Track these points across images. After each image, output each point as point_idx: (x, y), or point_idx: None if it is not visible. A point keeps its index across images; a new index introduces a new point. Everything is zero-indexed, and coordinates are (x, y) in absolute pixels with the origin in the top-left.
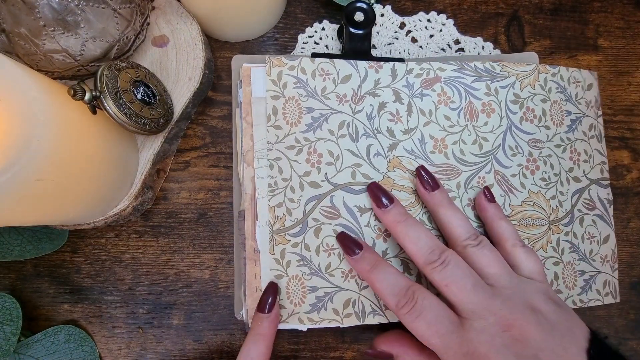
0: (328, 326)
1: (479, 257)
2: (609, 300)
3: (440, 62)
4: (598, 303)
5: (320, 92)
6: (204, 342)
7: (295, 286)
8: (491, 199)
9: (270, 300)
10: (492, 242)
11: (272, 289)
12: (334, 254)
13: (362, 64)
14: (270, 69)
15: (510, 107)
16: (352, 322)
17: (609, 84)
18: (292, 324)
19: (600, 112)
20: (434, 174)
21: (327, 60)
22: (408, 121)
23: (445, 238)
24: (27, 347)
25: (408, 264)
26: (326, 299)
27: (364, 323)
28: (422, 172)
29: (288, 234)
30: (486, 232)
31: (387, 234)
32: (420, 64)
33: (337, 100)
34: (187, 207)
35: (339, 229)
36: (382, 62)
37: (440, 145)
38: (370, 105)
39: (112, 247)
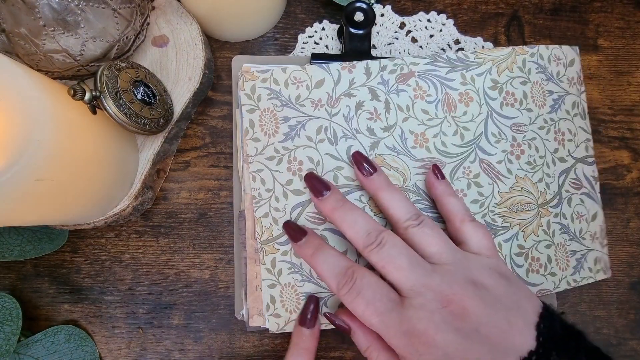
0: (325, 328)
1: (420, 237)
2: (600, 276)
3: (412, 57)
4: (591, 280)
5: (294, 100)
6: (204, 342)
7: (289, 294)
8: (441, 176)
9: (312, 314)
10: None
11: (314, 302)
12: None
13: (335, 66)
14: (244, 83)
15: (489, 93)
16: (314, 310)
17: (609, 84)
18: (289, 330)
19: (583, 88)
20: (417, 168)
21: (299, 67)
22: (387, 118)
23: (388, 222)
24: (27, 347)
25: None
26: (321, 304)
27: None
28: (359, 157)
29: (277, 243)
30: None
31: None
32: (394, 60)
33: (312, 106)
34: (187, 207)
35: (326, 234)
36: (355, 62)
37: (421, 139)
38: (347, 106)
39: (112, 247)
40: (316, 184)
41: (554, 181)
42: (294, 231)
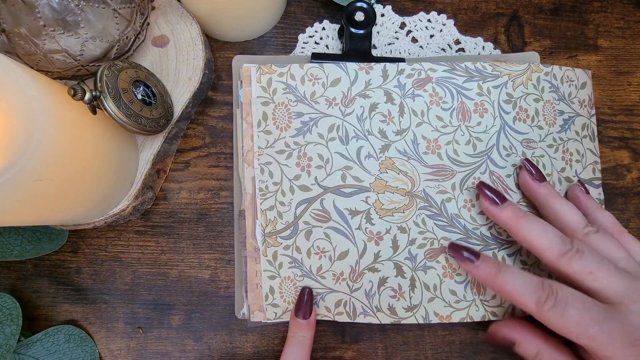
0: (322, 320)
1: (605, 243)
2: None
3: (431, 63)
4: None
5: (309, 97)
6: (204, 342)
7: (287, 286)
8: (586, 191)
9: (307, 306)
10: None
11: (308, 292)
12: (324, 256)
13: (352, 66)
14: (260, 76)
15: (504, 106)
16: (343, 319)
17: (609, 84)
18: (286, 319)
19: (593, 112)
20: (426, 174)
21: (317, 65)
22: (400, 122)
23: (560, 229)
24: (27, 347)
25: (401, 267)
26: (318, 298)
27: (354, 321)
28: (529, 164)
29: (279, 236)
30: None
31: (379, 237)
32: (412, 65)
33: (326, 104)
34: (187, 207)
35: (330, 232)
36: (372, 63)
37: (433, 146)
38: (361, 107)
39: (112, 247)
40: (491, 194)
41: None
42: (469, 252)
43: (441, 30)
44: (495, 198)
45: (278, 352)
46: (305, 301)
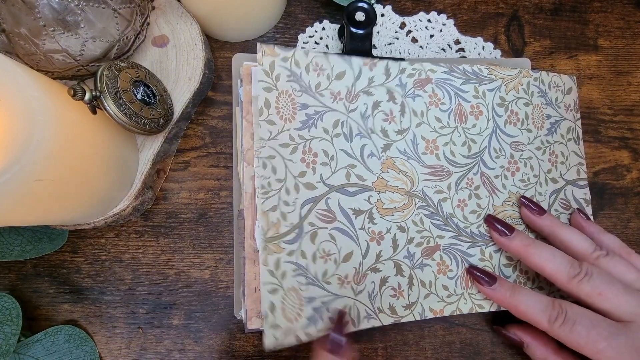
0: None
1: (615, 265)
2: None
3: (431, 64)
4: None
5: (314, 88)
6: (204, 342)
7: (291, 299)
8: (587, 217)
9: (342, 342)
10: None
11: (344, 325)
12: (330, 260)
13: (356, 61)
14: (262, 57)
15: (497, 110)
16: (347, 329)
17: (609, 84)
18: (288, 344)
19: (578, 116)
20: (425, 174)
21: (321, 54)
22: (401, 121)
23: (570, 256)
24: (27, 347)
25: (401, 266)
26: (323, 308)
27: (358, 328)
28: (526, 201)
29: (283, 241)
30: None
31: (380, 236)
32: (413, 64)
33: (331, 98)
34: (187, 207)
35: (335, 233)
36: (376, 60)
37: (431, 146)
38: (365, 104)
39: (112, 247)
40: (499, 226)
41: (545, 200)
42: (487, 276)
43: (441, 30)
44: (505, 230)
45: (278, 351)
46: (340, 332)
